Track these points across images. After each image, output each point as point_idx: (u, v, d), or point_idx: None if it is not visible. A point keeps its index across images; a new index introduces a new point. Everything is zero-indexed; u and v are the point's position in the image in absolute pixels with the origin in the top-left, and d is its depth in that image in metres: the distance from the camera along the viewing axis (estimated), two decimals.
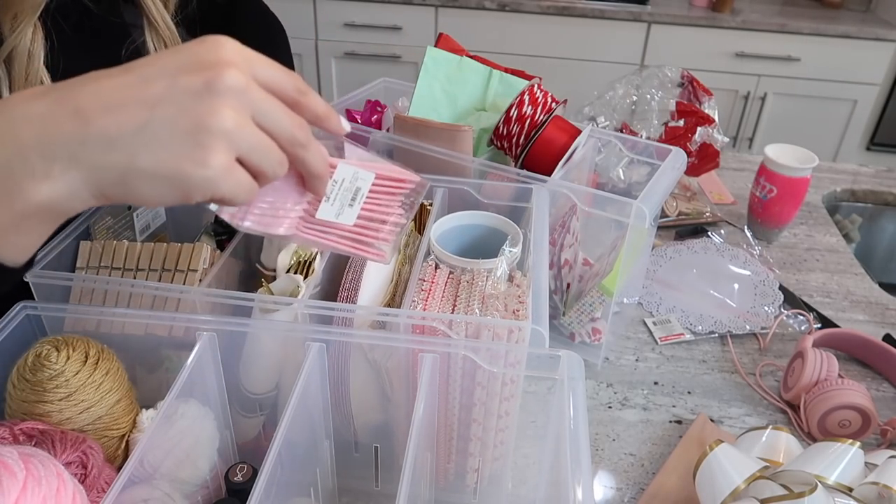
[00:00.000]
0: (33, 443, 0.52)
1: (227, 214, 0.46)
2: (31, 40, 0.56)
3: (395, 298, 0.66)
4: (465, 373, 0.59)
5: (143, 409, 0.60)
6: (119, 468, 0.52)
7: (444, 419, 0.63)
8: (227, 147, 0.38)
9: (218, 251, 0.69)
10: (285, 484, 0.53)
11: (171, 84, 0.37)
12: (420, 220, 0.77)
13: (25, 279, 0.60)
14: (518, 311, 0.60)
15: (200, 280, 0.65)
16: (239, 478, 0.56)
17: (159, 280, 0.65)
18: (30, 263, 0.42)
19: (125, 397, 0.58)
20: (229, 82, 0.38)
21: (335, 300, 0.64)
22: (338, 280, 0.65)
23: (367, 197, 0.53)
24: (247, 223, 0.46)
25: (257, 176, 0.41)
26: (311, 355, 0.57)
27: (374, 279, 0.65)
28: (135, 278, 0.66)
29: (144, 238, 0.78)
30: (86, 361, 0.56)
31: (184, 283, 0.65)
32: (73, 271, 0.67)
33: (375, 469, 0.69)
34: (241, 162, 0.39)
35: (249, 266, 0.72)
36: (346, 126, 0.46)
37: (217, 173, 0.38)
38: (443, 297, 0.63)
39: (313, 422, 0.61)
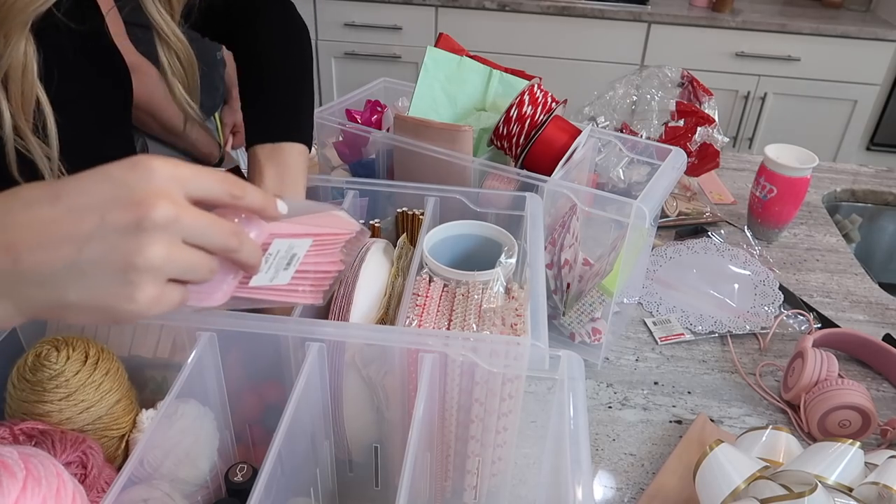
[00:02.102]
0: (33, 443, 0.52)
1: None
2: (24, 54, 0.57)
3: (388, 313, 0.65)
4: (464, 372, 0.59)
5: (143, 409, 0.60)
6: (119, 468, 0.52)
7: (443, 419, 0.63)
8: (155, 279, 0.40)
9: None
10: (285, 484, 0.53)
11: (100, 221, 0.38)
12: (412, 232, 0.77)
13: None
14: (516, 325, 0.60)
15: None
16: (239, 478, 0.56)
17: None
18: None
19: (125, 397, 0.58)
20: (158, 218, 0.39)
21: (326, 316, 0.63)
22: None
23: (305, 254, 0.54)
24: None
25: (188, 282, 0.43)
26: (310, 355, 0.57)
27: (367, 294, 0.64)
28: None
29: None
30: (86, 361, 0.56)
31: None
32: None
33: (375, 469, 0.69)
34: (172, 278, 0.41)
35: None
36: (283, 209, 0.48)
37: (145, 306, 0.40)
38: (438, 311, 0.63)
39: (313, 422, 0.61)
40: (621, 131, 1.21)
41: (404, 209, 0.77)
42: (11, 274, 0.38)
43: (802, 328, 1.02)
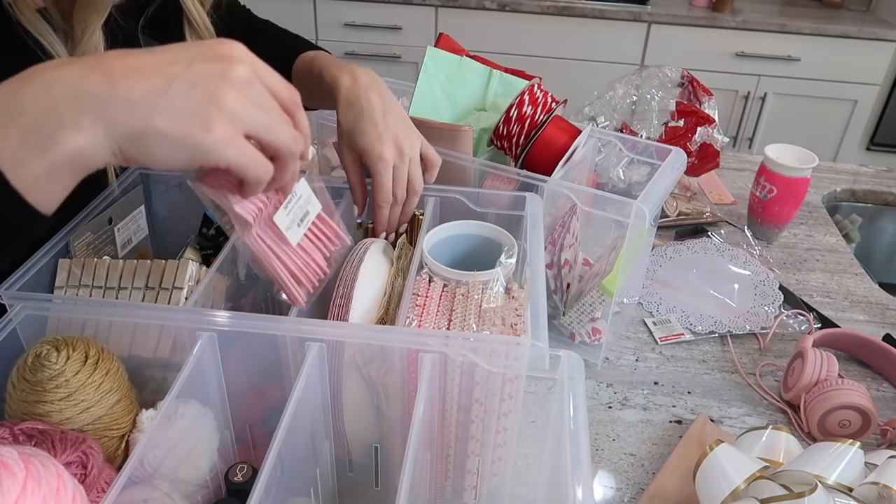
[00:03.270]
0: (33, 443, 0.52)
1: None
2: (97, 38, 0.63)
3: (388, 312, 0.65)
4: (464, 372, 0.59)
5: (143, 409, 0.60)
6: (119, 468, 0.52)
7: (443, 419, 0.63)
8: (231, 122, 0.44)
9: (204, 267, 0.67)
10: (285, 484, 0.53)
11: (189, 65, 0.44)
12: (412, 232, 0.77)
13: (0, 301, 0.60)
14: (516, 325, 0.60)
15: (186, 298, 0.64)
16: (239, 478, 0.56)
17: (143, 299, 0.64)
18: (45, 221, 0.45)
19: (125, 397, 0.58)
20: (239, 74, 0.45)
21: (325, 316, 0.63)
22: (327, 294, 0.65)
23: (308, 229, 0.58)
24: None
25: (274, 155, 0.48)
26: (310, 355, 0.57)
27: (366, 294, 0.64)
28: (117, 298, 0.64)
29: (126, 253, 0.75)
30: (86, 361, 0.56)
31: (168, 302, 0.64)
32: (52, 291, 0.65)
33: (375, 469, 0.69)
34: (253, 139, 0.46)
35: (237, 282, 0.72)
36: (312, 153, 0.58)
37: (220, 139, 0.43)
38: (438, 311, 0.63)
39: (313, 422, 0.61)
40: (621, 131, 1.21)
41: None
42: (106, 94, 0.42)
43: (802, 328, 1.02)
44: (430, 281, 0.66)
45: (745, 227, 1.25)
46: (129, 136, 0.42)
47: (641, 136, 1.17)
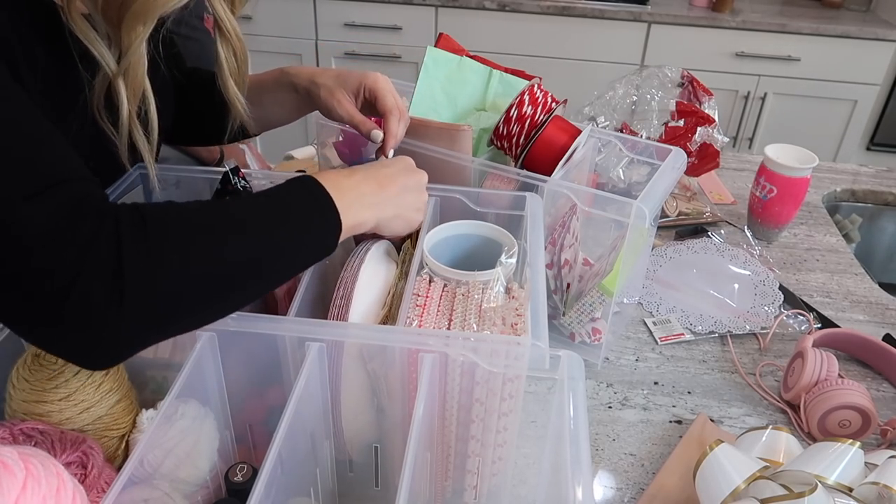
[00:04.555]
0: (33, 443, 0.52)
1: None
2: (143, 47, 0.64)
3: (390, 312, 0.65)
4: (465, 371, 0.59)
5: (144, 410, 0.60)
6: (119, 468, 0.52)
7: (443, 419, 0.63)
8: (424, 211, 0.72)
9: None
10: (285, 484, 0.53)
11: (407, 176, 0.69)
12: (413, 233, 0.77)
13: None
14: (517, 324, 0.60)
15: None
16: (239, 478, 0.56)
17: None
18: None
19: (125, 397, 0.59)
20: (424, 181, 0.71)
21: (325, 317, 0.63)
22: (328, 295, 0.65)
23: None
24: None
25: None
26: (310, 355, 0.57)
27: (366, 294, 0.64)
28: None
29: None
30: None
31: None
32: None
33: (375, 469, 0.69)
34: None
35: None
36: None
37: (421, 219, 0.71)
38: (438, 311, 0.63)
39: (313, 422, 0.61)
40: (621, 131, 1.21)
41: None
42: (378, 196, 0.65)
43: (802, 328, 1.02)
44: (430, 281, 0.66)
45: (745, 227, 1.25)
46: (385, 218, 0.65)
47: (641, 136, 1.17)
